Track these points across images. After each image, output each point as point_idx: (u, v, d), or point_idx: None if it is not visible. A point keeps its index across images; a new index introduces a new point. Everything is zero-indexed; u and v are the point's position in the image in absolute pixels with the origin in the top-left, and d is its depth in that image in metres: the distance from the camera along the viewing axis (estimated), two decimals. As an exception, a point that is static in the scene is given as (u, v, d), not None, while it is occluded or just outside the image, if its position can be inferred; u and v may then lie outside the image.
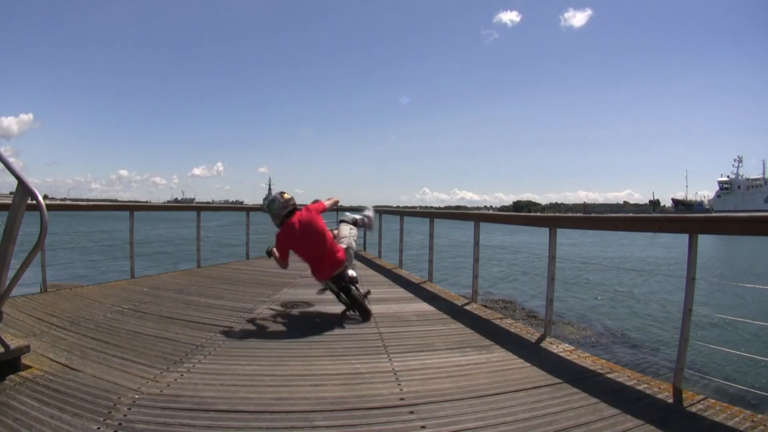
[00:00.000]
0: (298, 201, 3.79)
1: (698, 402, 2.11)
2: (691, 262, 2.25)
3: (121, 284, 4.88)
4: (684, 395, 2.19)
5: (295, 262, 3.66)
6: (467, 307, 4.25)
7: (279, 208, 3.56)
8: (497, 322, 3.73)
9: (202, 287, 4.71)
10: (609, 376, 2.48)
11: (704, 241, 2.45)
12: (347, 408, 1.99)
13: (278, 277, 5.64)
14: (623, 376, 2.46)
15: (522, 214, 5.95)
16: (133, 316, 3.50)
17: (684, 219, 2.31)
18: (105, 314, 3.50)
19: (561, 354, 2.87)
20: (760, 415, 1.96)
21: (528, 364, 2.64)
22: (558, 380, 2.37)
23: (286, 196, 3.58)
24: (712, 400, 2.13)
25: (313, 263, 3.62)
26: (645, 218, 2.57)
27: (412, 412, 1.96)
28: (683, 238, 2.29)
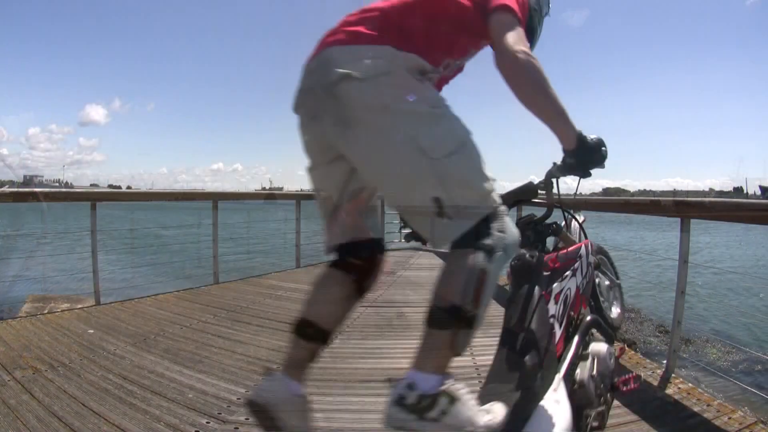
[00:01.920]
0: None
1: (686, 389, 2.10)
2: (683, 245, 2.24)
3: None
4: (674, 379, 2.19)
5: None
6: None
7: None
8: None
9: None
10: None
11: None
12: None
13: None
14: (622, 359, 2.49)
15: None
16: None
17: (678, 203, 2.28)
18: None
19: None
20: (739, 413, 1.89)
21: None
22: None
23: None
24: (699, 390, 2.11)
25: None
26: (639, 201, 2.53)
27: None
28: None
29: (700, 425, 1.79)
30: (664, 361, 2.37)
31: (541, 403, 0.96)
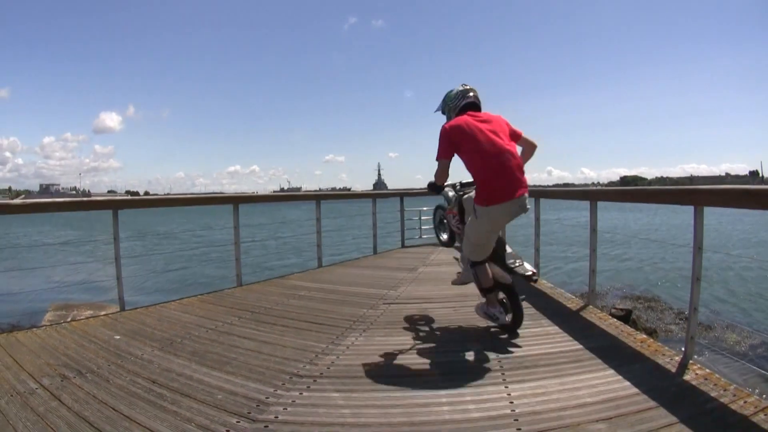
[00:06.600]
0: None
1: (703, 375, 2.11)
2: (698, 232, 2.25)
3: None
4: (692, 365, 2.20)
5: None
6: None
7: (455, 98, 2.72)
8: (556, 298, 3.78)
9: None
10: (624, 340, 2.62)
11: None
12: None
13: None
14: (636, 343, 2.55)
15: (563, 189, 5.80)
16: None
17: (692, 191, 2.28)
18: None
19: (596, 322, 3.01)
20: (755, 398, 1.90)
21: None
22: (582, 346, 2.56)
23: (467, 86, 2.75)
24: (717, 376, 2.11)
25: (490, 171, 2.45)
26: (653, 190, 2.54)
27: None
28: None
29: (717, 409, 1.81)
30: (683, 348, 2.39)
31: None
